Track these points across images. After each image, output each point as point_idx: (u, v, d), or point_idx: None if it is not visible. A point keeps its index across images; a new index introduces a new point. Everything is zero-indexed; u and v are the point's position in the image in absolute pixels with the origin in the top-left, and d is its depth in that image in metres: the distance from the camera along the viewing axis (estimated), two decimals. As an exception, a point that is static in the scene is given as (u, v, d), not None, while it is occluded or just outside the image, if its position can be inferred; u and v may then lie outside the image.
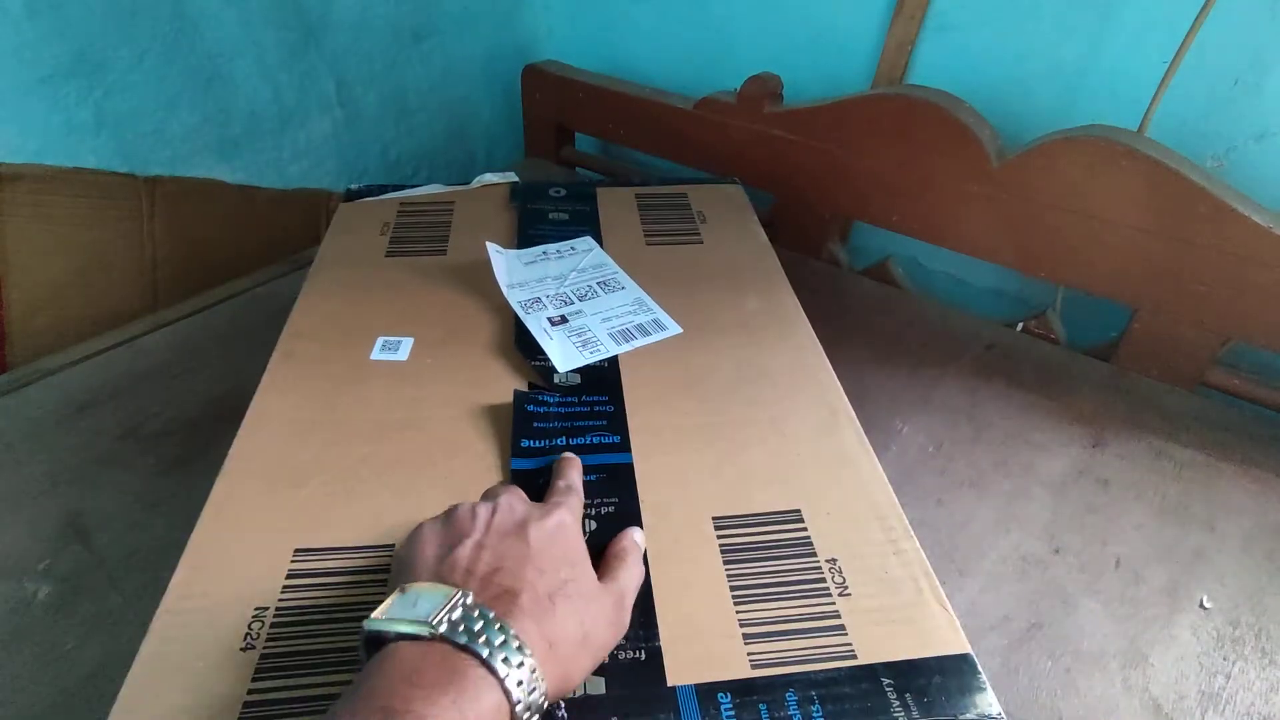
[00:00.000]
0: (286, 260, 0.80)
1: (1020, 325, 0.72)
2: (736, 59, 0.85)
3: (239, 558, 0.35)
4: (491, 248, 0.55)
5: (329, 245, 0.61)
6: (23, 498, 0.52)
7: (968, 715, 0.30)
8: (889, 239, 0.80)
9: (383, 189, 0.68)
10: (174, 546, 0.49)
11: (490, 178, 0.71)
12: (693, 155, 0.84)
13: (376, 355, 0.48)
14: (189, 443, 0.57)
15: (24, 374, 0.63)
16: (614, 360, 0.48)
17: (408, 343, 0.49)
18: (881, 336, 0.68)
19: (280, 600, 0.33)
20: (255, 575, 0.34)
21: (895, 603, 0.34)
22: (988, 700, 0.31)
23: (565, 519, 0.33)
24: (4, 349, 0.66)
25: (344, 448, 0.41)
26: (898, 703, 0.30)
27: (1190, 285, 0.61)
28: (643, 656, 0.32)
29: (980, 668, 0.32)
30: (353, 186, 0.69)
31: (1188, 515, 0.54)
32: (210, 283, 0.76)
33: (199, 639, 0.31)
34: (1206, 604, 0.48)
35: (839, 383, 0.47)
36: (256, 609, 0.32)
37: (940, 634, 0.33)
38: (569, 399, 0.44)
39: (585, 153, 1.00)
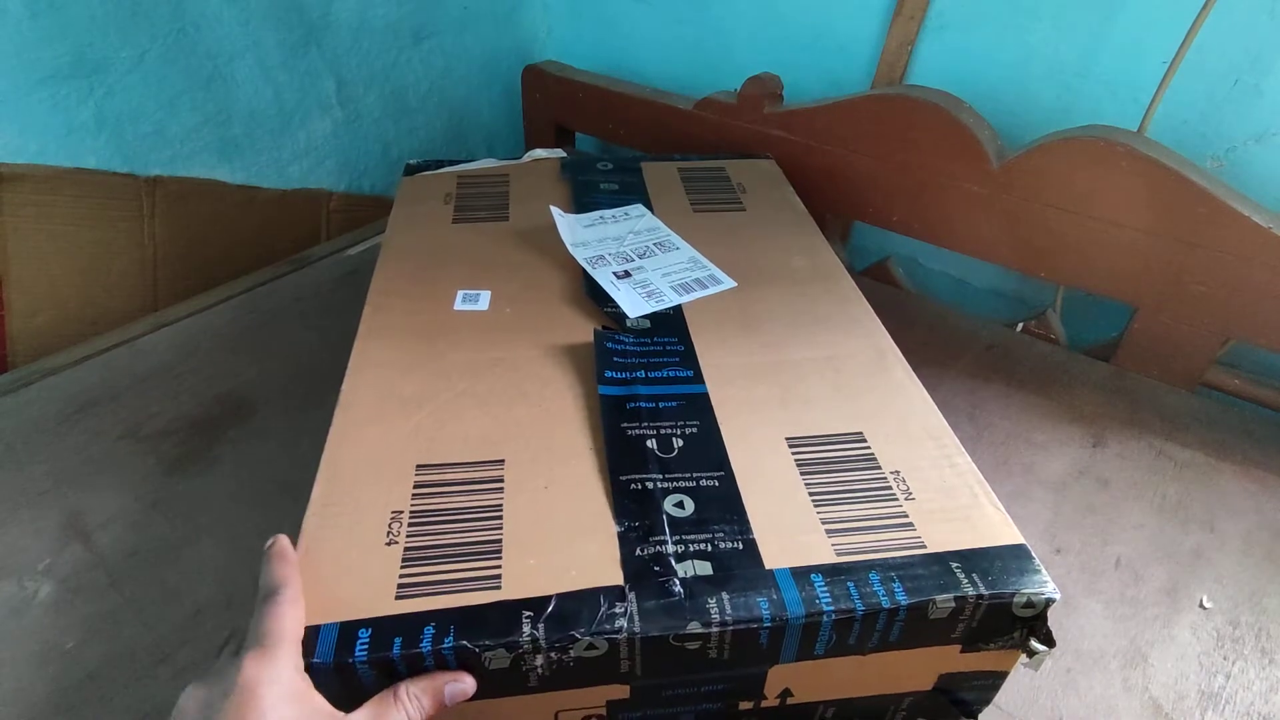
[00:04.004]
0: (286, 260, 0.80)
1: (1020, 325, 0.72)
2: (736, 59, 0.85)
3: (369, 472, 0.39)
4: (555, 210, 0.60)
5: (398, 214, 0.64)
6: (23, 498, 0.52)
7: (1027, 590, 0.34)
8: (889, 239, 0.80)
9: (439, 163, 0.71)
10: (174, 546, 0.49)
11: (540, 153, 0.74)
12: (693, 155, 0.85)
13: (459, 306, 0.52)
14: (189, 443, 0.57)
15: (24, 374, 0.63)
16: (678, 309, 0.52)
17: (486, 295, 0.53)
18: (881, 336, 0.68)
19: (412, 505, 0.37)
20: (386, 486, 0.38)
21: (955, 504, 0.38)
22: (1043, 579, 0.34)
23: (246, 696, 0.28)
24: (4, 349, 0.66)
25: (443, 382, 0.45)
26: (966, 580, 0.34)
27: (1190, 285, 0.61)
28: (740, 546, 0.35)
29: (1034, 554, 0.36)
30: (411, 162, 0.72)
31: (1188, 515, 0.54)
32: (210, 283, 0.76)
33: (348, 536, 0.36)
34: (1206, 604, 0.48)
35: (884, 327, 0.51)
36: (393, 512, 0.37)
37: (996, 529, 0.37)
38: (642, 339, 0.48)
39: (585, 153, 1.00)
